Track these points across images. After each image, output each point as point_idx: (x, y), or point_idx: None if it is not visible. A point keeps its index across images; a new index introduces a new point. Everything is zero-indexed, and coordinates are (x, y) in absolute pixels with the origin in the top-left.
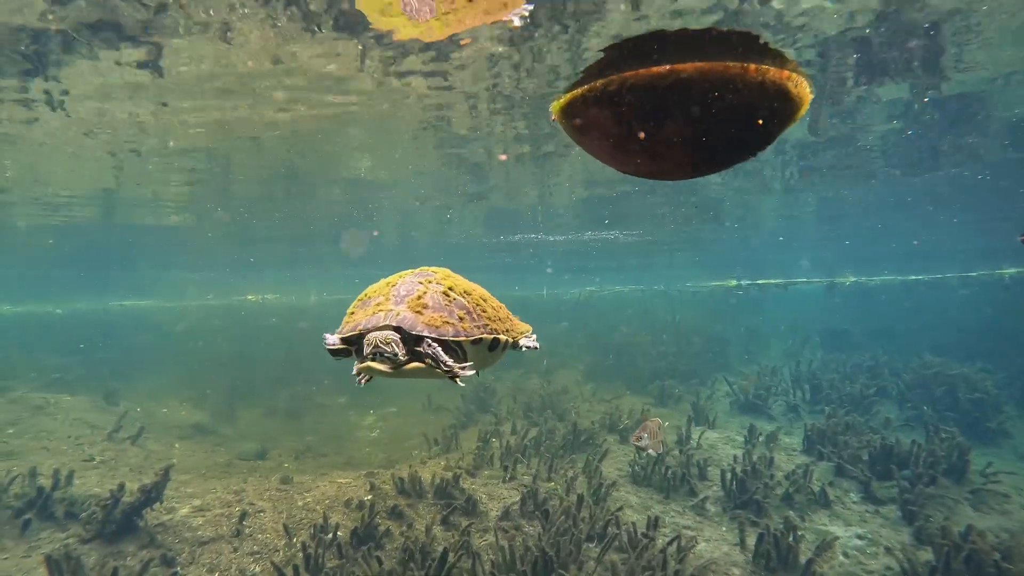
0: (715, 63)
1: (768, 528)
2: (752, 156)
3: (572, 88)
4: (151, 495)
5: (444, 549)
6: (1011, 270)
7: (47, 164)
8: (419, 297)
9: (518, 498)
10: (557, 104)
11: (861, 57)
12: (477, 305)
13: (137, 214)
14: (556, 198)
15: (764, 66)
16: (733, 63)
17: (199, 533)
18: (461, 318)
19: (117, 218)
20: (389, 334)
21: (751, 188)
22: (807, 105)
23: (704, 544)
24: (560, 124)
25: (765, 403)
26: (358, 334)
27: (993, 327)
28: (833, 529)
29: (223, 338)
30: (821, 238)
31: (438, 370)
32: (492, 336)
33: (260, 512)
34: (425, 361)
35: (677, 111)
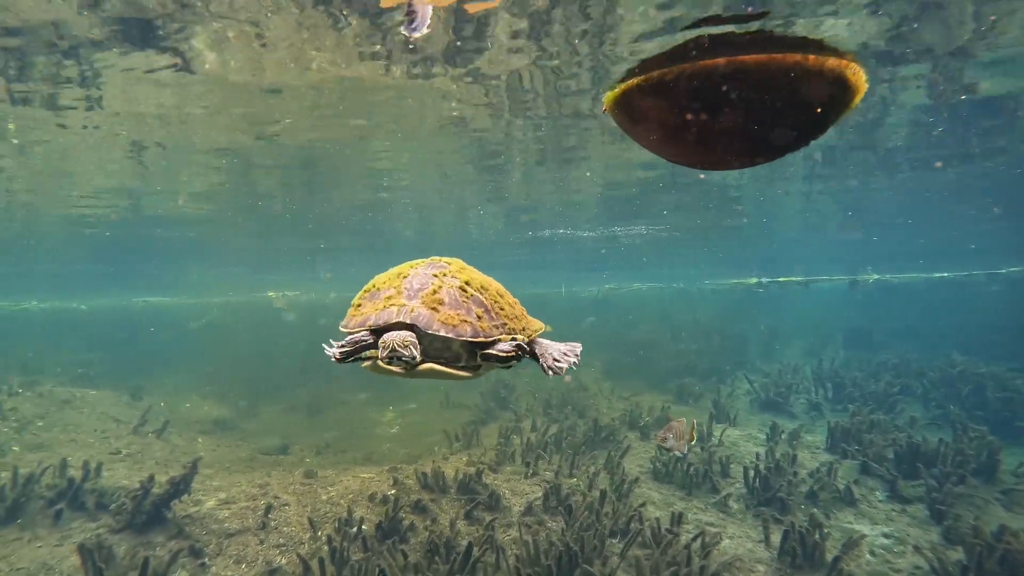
0: (774, 54)
1: (793, 525)
2: (805, 144)
3: (626, 79)
4: (179, 487)
5: (469, 543)
6: None
7: (75, 160)
8: (434, 292)
9: (541, 494)
10: (611, 94)
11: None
12: (495, 302)
13: (161, 210)
14: (576, 194)
15: (823, 56)
16: (792, 53)
17: (225, 525)
18: (479, 316)
19: (141, 214)
20: (407, 335)
21: (772, 177)
22: (863, 93)
23: (728, 541)
24: (611, 115)
25: (786, 401)
26: (368, 329)
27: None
28: (859, 527)
29: (244, 335)
30: (844, 234)
31: (452, 370)
32: (511, 336)
33: (285, 505)
34: (438, 361)
35: (735, 100)
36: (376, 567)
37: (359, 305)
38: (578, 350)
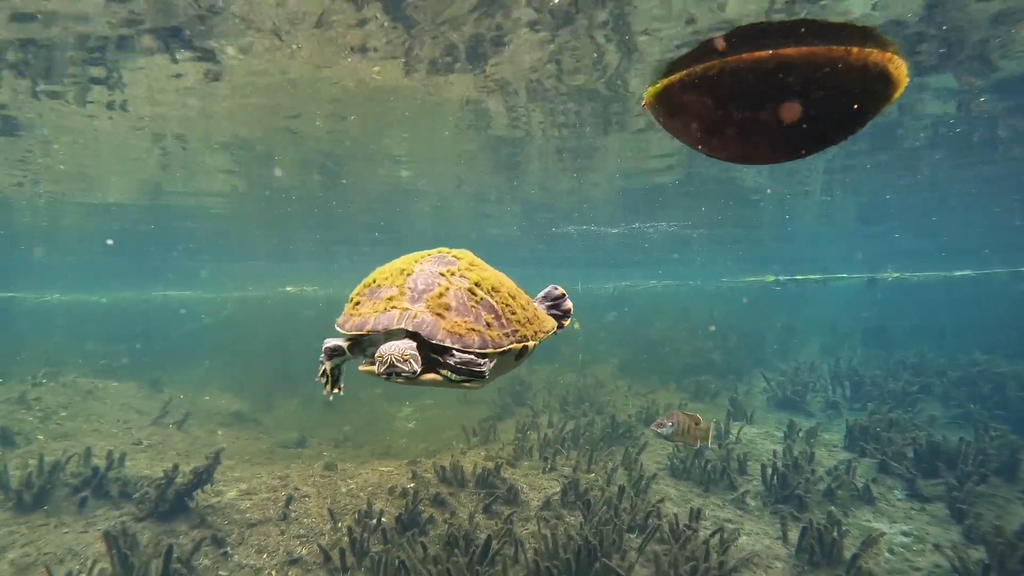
0: (817, 47)
1: (811, 522)
2: (843, 139)
3: (667, 74)
4: (202, 477)
5: (488, 536)
6: None
7: (99, 153)
8: (440, 295)
9: (559, 488)
10: (652, 90)
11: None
12: (506, 305)
13: (181, 204)
14: (594, 190)
15: (867, 49)
16: (836, 47)
17: (247, 515)
18: (489, 324)
19: (161, 209)
20: (407, 347)
21: (793, 170)
22: (903, 87)
23: (745, 537)
24: (651, 110)
25: (803, 399)
26: (367, 333)
27: None
28: (877, 525)
29: (261, 329)
30: (863, 232)
31: (454, 380)
32: (522, 345)
33: (305, 497)
34: (441, 373)
35: (777, 94)
36: (396, 558)
37: (357, 303)
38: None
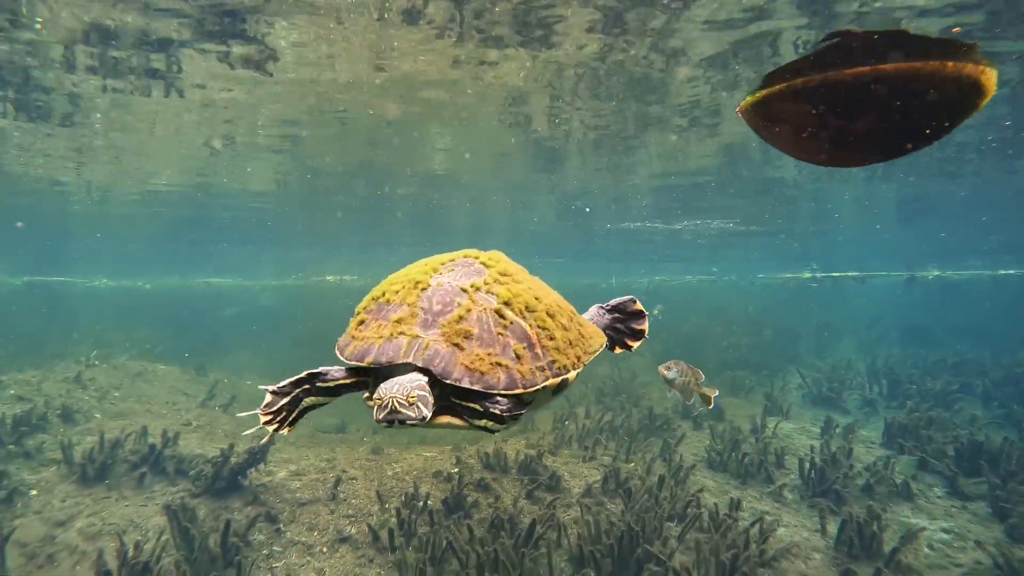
0: (914, 62)
1: (851, 515)
2: (931, 144)
3: (764, 86)
4: (256, 457)
5: (532, 520)
6: None
7: (151, 144)
8: (460, 318)
9: (599, 477)
10: (751, 99)
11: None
12: (543, 328)
13: (226, 192)
14: (631, 184)
15: (960, 63)
16: (932, 61)
17: (297, 495)
18: (518, 356)
19: (207, 197)
20: (413, 387)
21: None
22: (991, 94)
23: (783, 529)
24: (746, 118)
25: (839, 396)
26: (368, 365)
27: None
28: (917, 522)
29: (302, 317)
30: (904, 229)
31: (476, 425)
32: (560, 379)
33: (352, 479)
34: (462, 417)
35: (874, 105)
36: (444, 539)
37: (362, 321)
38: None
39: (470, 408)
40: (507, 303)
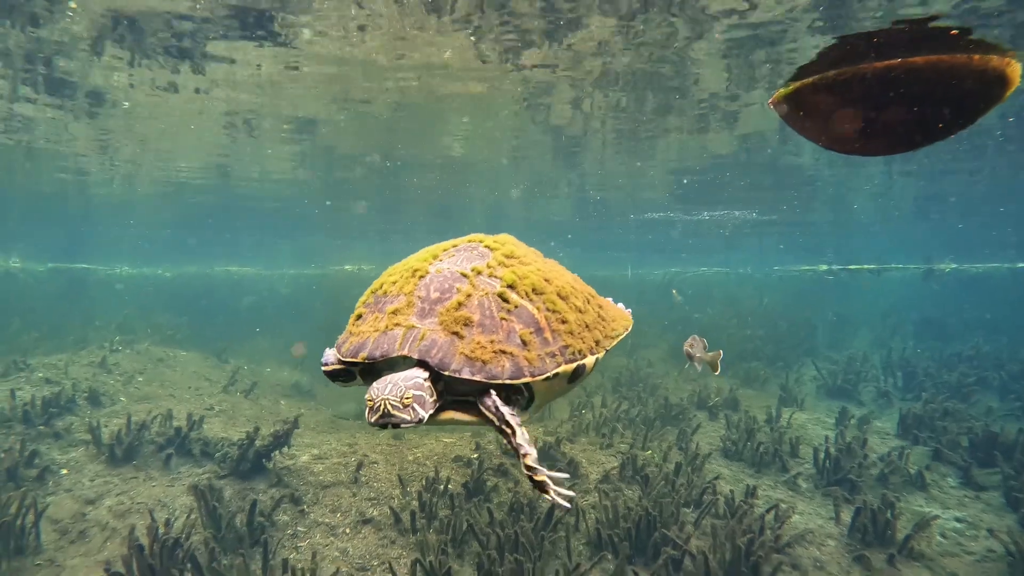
0: (943, 55)
1: (865, 503)
2: (956, 133)
3: (797, 79)
4: (280, 440)
5: (551, 505)
6: None
7: (175, 132)
8: (459, 305)
9: (617, 464)
10: (784, 91)
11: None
12: (553, 311)
13: (246, 181)
14: (649, 174)
15: (987, 55)
16: (959, 54)
17: (320, 478)
18: (525, 341)
19: (228, 185)
20: (409, 385)
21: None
22: (1016, 85)
23: (798, 517)
24: (777, 108)
25: (854, 388)
26: (363, 361)
27: None
28: (930, 511)
29: (319, 305)
30: (921, 221)
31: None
32: (575, 365)
33: (374, 463)
34: (462, 406)
35: (903, 97)
36: (464, 521)
37: (359, 316)
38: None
39: (488, 404)
40: (511, 286)
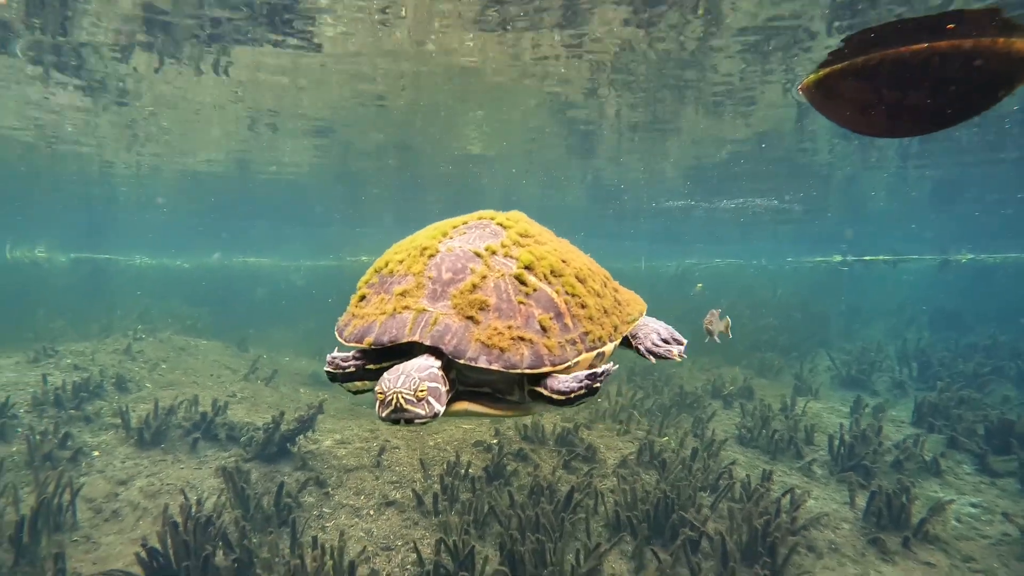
0: (967, 39)
1: (880, 488)
2: (979, 114)
3: (826, 65)
4: (305, 425)
5: (571, 487)
6: None
7: (196, 124)
8: (473, 287)
9: (634, 449)
10: (813, 77)
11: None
12: (572, 295)
13: (264, 173)
14: (664, 164)
15: (1012, 39)
16: (983, 38)
17: (344, 462)
18: (544, 328)
19: (246, 177)
20: (422, 376)
21: (864, 144)
22: None
23: (813, 501)
24: (806, 94)
25: (869, 378)
26: (368, 347)
27: None
28: (945, 496)
29: (336, 296)
30: (938, 211)
31: (497, 411)
32: (595, 353)
33: (396, 448)
34: (479, 398)
35: (928, 80)
36: (486, 504)
37: (362, 297)
38: (682, 341)
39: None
40: (529, 267)
